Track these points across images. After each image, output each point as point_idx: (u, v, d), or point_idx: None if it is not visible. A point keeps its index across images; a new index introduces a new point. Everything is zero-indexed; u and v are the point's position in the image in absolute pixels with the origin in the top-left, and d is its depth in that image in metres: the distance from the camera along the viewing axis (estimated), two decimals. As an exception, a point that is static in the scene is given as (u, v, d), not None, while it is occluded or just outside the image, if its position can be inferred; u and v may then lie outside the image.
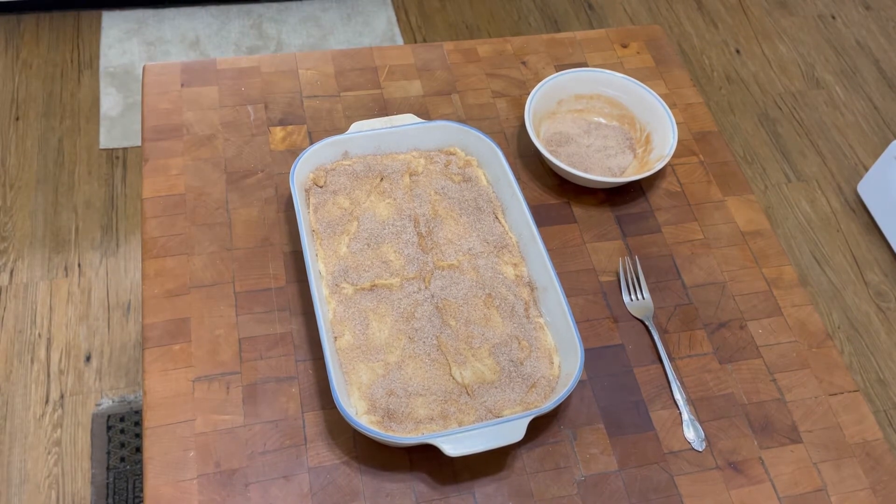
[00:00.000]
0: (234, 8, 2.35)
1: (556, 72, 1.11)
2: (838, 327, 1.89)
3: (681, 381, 0.89)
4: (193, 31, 2.29)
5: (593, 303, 0.94)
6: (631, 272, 0.96)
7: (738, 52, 2.46)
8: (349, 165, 0.99)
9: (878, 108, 2.35)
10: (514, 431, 0.78)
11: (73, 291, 1.74)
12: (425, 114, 1.10)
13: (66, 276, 1.76)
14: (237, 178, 1.00)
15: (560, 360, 0.86)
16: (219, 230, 0.95)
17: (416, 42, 2.33)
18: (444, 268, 0.91)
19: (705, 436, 0.85)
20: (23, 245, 1.80)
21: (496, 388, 0.83)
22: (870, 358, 1.85)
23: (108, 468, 1.52)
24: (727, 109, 2.31)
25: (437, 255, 0.92)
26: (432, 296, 0.89)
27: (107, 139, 2.01)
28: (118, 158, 1.98)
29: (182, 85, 1.08)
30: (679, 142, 1.10)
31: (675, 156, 1.09)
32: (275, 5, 2.38)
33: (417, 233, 0.94)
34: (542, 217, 1.01)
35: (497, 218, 0.96)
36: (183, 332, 0.87)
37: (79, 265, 1.78)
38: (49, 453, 1.52)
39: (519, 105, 1.12)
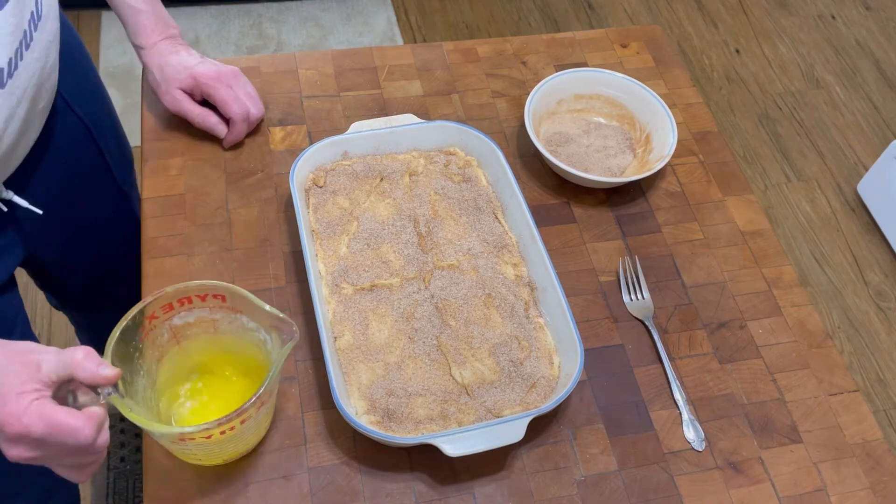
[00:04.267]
0: (234, 8, 2.35)
1: (556, 72, 1.11)
2: (838, 327, 1.89)
3: (681, 381, 0.89)
4: (193, 31, 2.29)
5: (593, 303, 0.94)
6: (631, 272, 0.96)
7: (738, 52, 2.46)
8: (349, 165, 0.99)
9: (878, 108, 2.35)
10: (513, 431, 0.78)
11: (72, 291, 1.74)
12: (425, 114, 1.09)
13: (66, 276, 1.76)
14: (237, 178, 1.00)
15: (560, 360, 0.86)
16: (219, 230, 0.95)
17: (415, 42, 2.33)
18: (444, 268, 0.91)
19: (705, 436, 0.85)
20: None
21: (496, 388, 0.83)
22: (870, 358, 1.85)
23: (108, 468, 1.52)
24: (727, 109, 2.31)
25: (436, 255, 0.92)
26: (432, 296, 0.89)
27: (107, 139, 2.01)
28: (118, 158, 1.98)
29: (182, 85, 1.08)
30: (679, 142, 1.10)
31: (674, 156, 1.09)
32: (275, 5, 2.38)
33: (417, 233, 0.94)
34: (542, 217, 1.01)
35: (497, 218, 0.96)
36: (183, 333, 0.86)
37: (79, 265, 1.78)
38: (49, 453, 1.52)
39: (519, 105, 1.12)
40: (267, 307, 0.71)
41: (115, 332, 0.69)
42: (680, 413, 0.86)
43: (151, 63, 0.97)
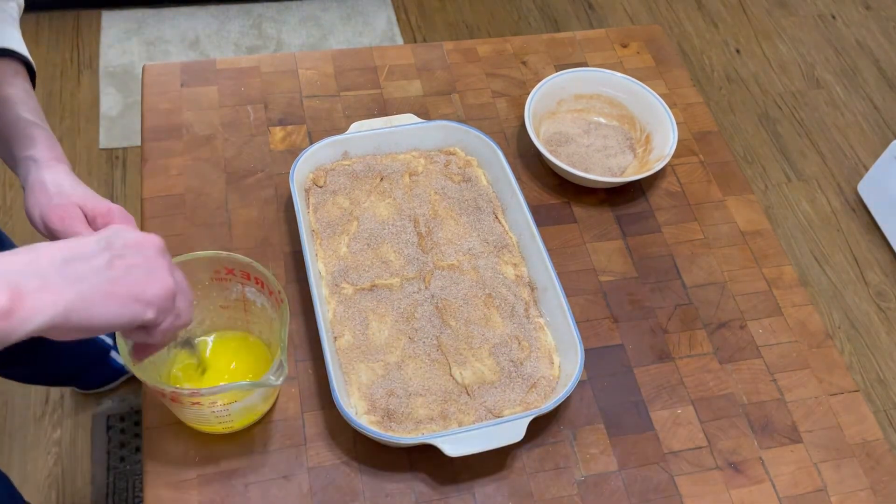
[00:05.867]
0: (233, 8, 2.35)
1: (556, 72, 1.11)
2: (838, 327, 1.89)
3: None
4: (193, 30, 2.29)
5: (593, 303, 0.94)
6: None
7: (738, 52, 2.46)
8: (349, 165, 0.99)
9: (878, 108, 2.35)
10: (514, 431, 0.78)
11: (72, 291, 1.73)
12: (425, 114, 1.09)
13: (66, 276, 1.75)
14: (237, 178, 1.00)
15: (560, 360, 0.86)
16: (219, 230, 0.95)
17: (415, 42, 2.33)
18: (444, 268, 0.91)
19: (705, 436, 0.85)
20: (23, 245, 1.79)
21: (496, 388, 0.83)
22: (870, 358, 1.85)
23: (108, 468, 1.51)
24: (727, 109, 2.30)
25: (436, 255, 0.92)
26: (432, 296, 0.89)
27: (106, 139, 2.01)
28: (118, 158, 1.98)
29: (182, 85, 1.08)
30: (679, 142, 1.10)
31: (675, 156, 1.09)
32: (275, 5, 2.38)
33: (417, 233, 0.94)
34: (542, 217, 1.01)
35: (497, 218, 0.96)
36: (183, 332, 0.86)
37: (79, 265, 1.78)
38: (49, 453, 1.52)
39: (519, 105, 1.12)
40: (283, 344, 0.72)
41: (192, 255, 0.76)
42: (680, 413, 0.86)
43: (46, 176, 0.78)
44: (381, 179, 0.98)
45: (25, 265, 0.53)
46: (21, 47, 0.83)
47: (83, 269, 0.55)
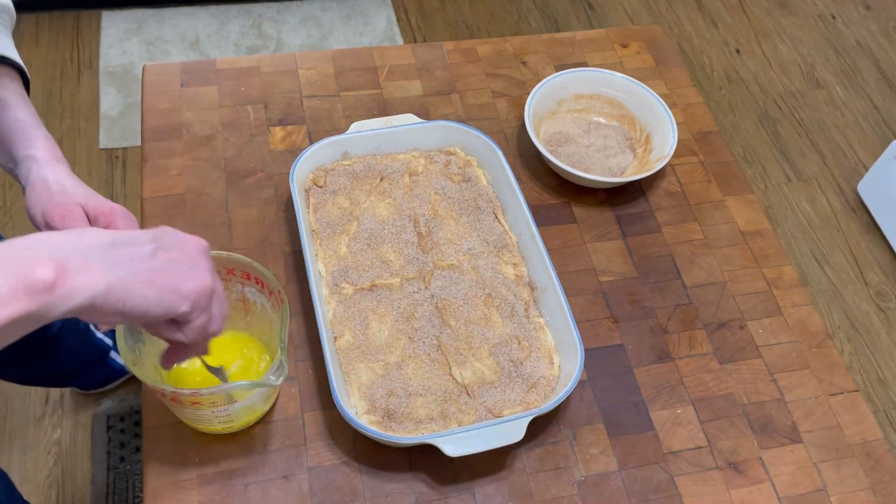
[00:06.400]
0: (233, 8, 2.35)
1: (556, 72, 1.11)
2: (838, 327, 1.89)
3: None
4: (193, 30, 2.29)
5: (593, 303, 0.94)
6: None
7: (738, 52, 2.46)
8: (349, 165, 0.99)
9: (878, 108, 2.35)
10: (514, 431, 0.78)
11: (72, 291, 1.73)
12: (425, 114, 1.09)
13: (66, 276, 1.75)
14: (237, 178, 1.00)
15: (560, 360, 0.86)
16: (219, 230, 0.95)
17: (415, 42, 2.33)
18: (444, 268, 0.91)
19: (705, 435, 0.85)
20: (23, 245, 1.79)
21: (496, 388, 0.83)
22: (870, 358, 1.85)
23: (108, 468, 1.51)
24: (727, 109, 2.30)
25: (436, 255, 0.92)
26: (432, 296, 0.89)
27: (106, 139, 2.01)
28: (118, 158, 1.98)
29: (182, 85, 1.08)
30: (679, 142, 1.10)
31: (675, 156, 1.09)
32: (275, 5, 2.38)
33: (417, 233, 0.94)
34: (542, 217, 1.01)
35: (497, 218, 0.96)
36: (183, 332, 0.86)
37: (79, 265, 1.77)
38: (49, 453, 1.52)
39: (519, 105, 1.12)
40: (283, 344, 0.72)
41: None
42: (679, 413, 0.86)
43: (48, 175, 0.79)
44: (381, 179, 0.98)
45: (73, 244, 0.54)
46: (15, 55, 0.84)
47: (128, 255, 0.57)
